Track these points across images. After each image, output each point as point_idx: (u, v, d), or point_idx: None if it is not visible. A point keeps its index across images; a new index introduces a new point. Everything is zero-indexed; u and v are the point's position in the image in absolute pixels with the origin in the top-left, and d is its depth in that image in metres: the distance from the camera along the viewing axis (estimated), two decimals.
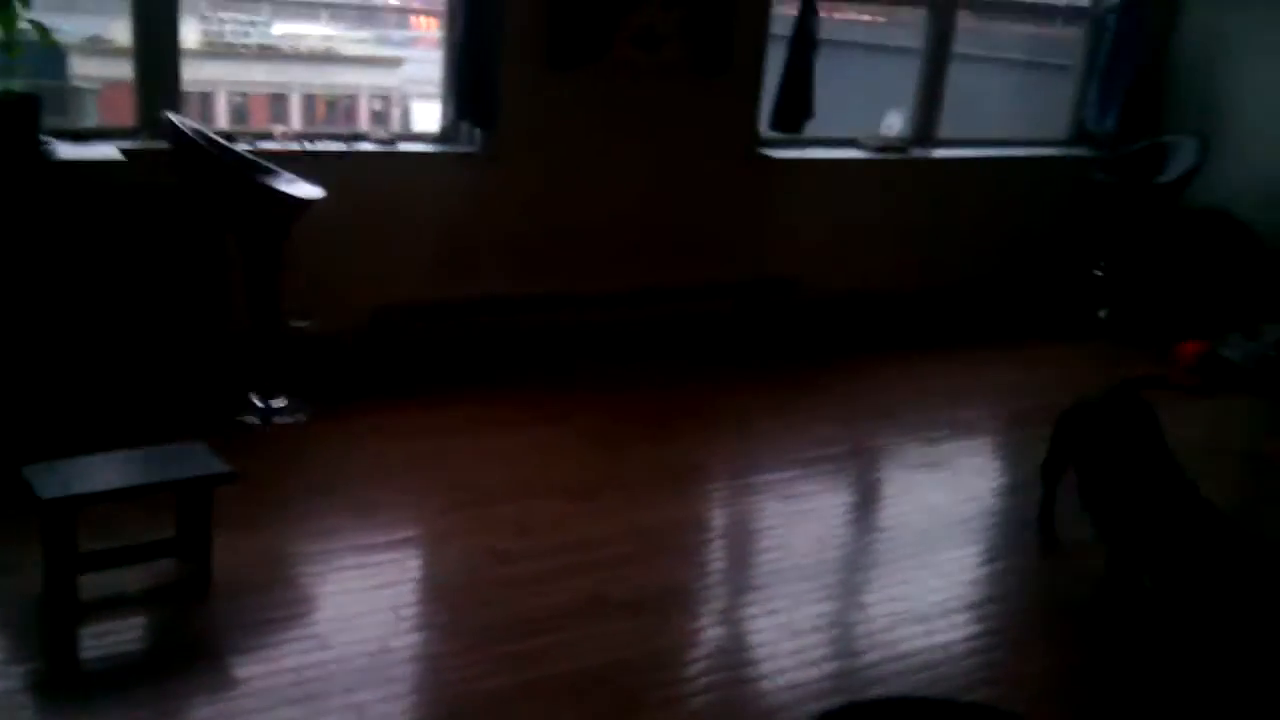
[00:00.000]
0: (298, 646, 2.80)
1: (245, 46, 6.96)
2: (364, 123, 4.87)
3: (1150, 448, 3.25)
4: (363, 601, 3.02)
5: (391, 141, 4.81)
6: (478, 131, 4.83)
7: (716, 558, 3.52)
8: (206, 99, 6.68)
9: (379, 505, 3.56)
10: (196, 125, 4.07)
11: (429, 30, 5.02)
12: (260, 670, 2.68)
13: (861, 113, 6.16)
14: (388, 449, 3.97)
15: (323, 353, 4.46)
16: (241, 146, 4.28)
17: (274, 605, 2.96)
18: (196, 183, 4.10)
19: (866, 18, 6.96)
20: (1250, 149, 6.04)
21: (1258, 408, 5.09)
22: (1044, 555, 3.58)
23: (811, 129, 5.51)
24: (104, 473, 2.94)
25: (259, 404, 4.16)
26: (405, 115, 8.65)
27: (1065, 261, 6.37)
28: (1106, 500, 3.26)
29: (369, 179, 4.65)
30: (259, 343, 4.19)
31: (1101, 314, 6.09)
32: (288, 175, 4.16)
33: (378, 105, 9.46)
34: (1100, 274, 6.14)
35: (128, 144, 4.17)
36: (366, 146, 4.74)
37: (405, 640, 2.88)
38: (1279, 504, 4.36)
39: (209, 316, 4.20)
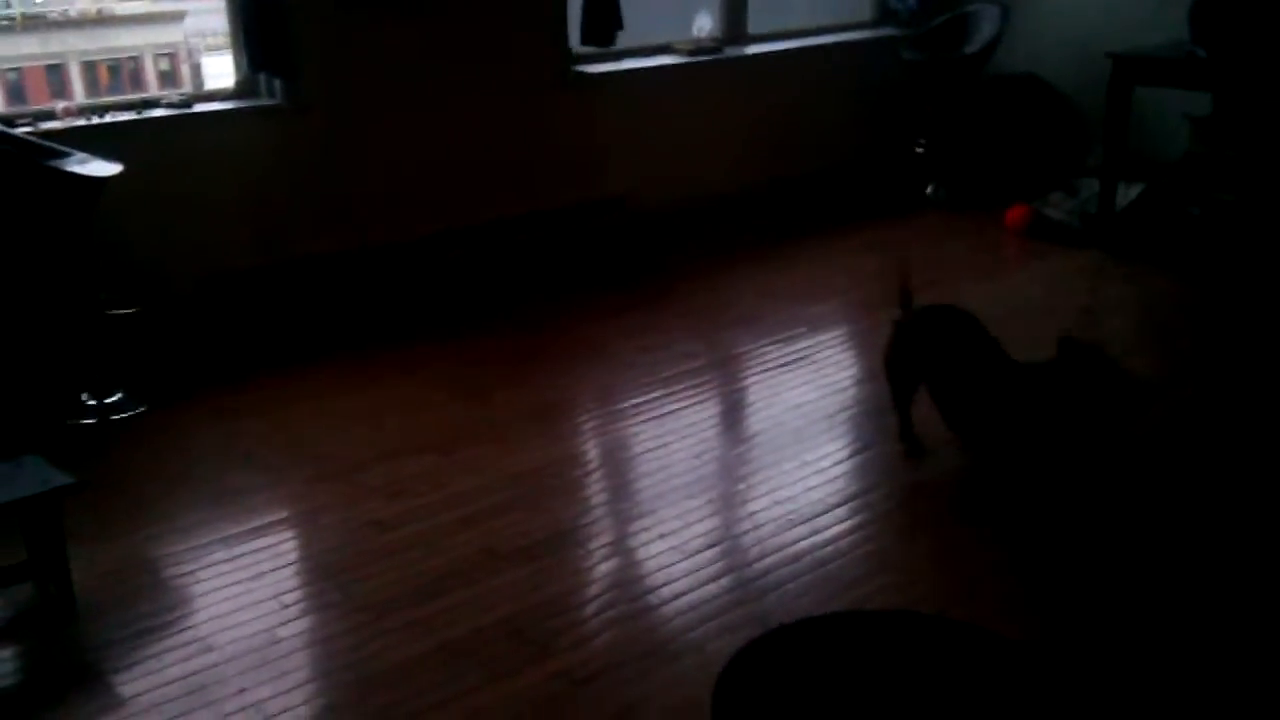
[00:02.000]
0: (180, 653, 2.65)
1: (7, 19, 6.41)
2: (152, 85, 4.53)
3: (974, 337, 3.37)
4: (242, 594, 2.88)
5: (186, 103, 4.51)
6: (278, 82, 4.57)
7: (598, 491, 3.48)
8: None
9: (240, 490, 3.40)
10: None
11: None
12: (146, 684, 2.53)
13: (671, 18, 6.07)
14: (238, 429, 3.78)
15: (151, 336, 4.21)
16: (22, 130, 3.95)
17: (147, 614, 2.80)
18: None
19: None
20: (1047, 10, 6.22)
21: (1086, 260, 5.30)
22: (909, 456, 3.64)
23: (623, 40, 5.41)
24: None
25: (92, 402, 3.90)
26: (196, 71, 8.16)
27: (888, 142, 6.49)
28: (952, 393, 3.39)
29: (169, 146, 4.37)
30: (80, 337, 3.92)
31: (929, 190, 6.23)
32: (79, 155, 3.86)
33: (164, 65, 8.88)
34: (922, 150, 6.27)
35: None
36: (160, 112, 4.43)
37: (295, 627, 2.77)
38: (1113, 347, 4.57)
39: (16, 319, 3.90)
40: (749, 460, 3.58)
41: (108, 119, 4.31)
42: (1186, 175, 5.35)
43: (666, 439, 3.69)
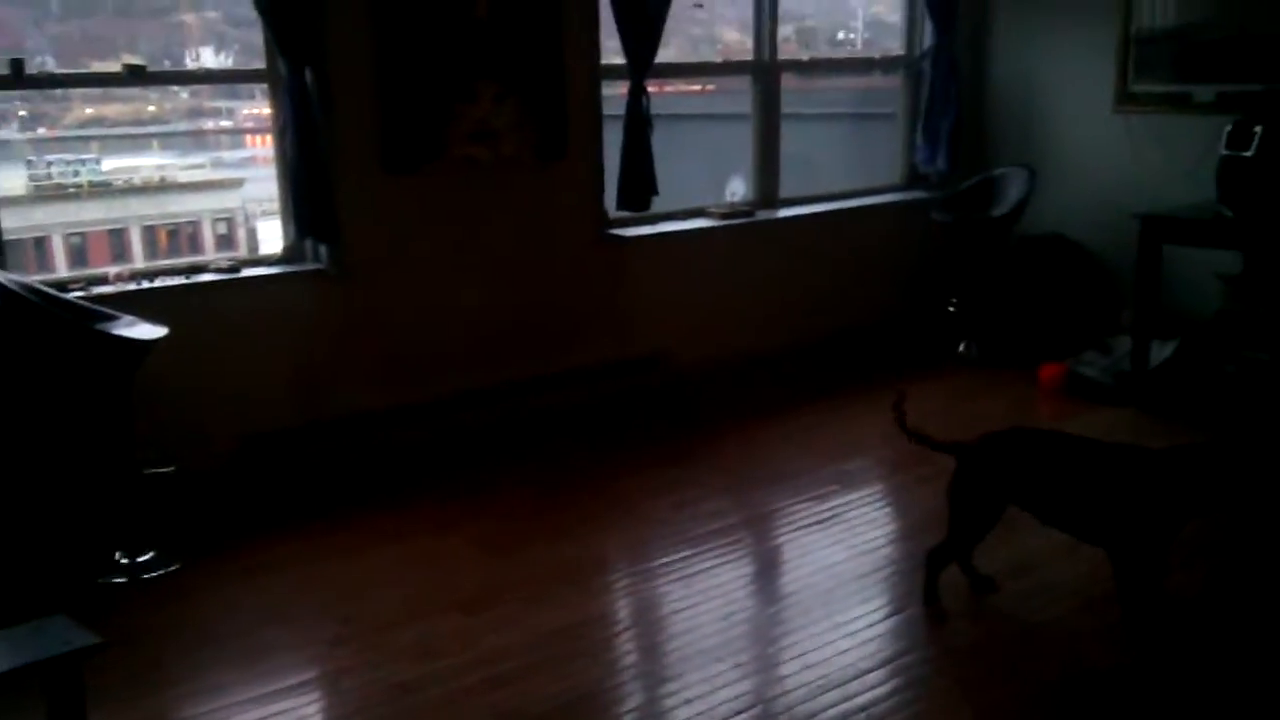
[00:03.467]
0: None
1: (76, 186, 6.70)
2: (209, 248, 4.73)
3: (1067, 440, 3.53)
4: None
5: (235, 268, 4.66)
6: (323, 248, 4.73)
7: (625, 652, 3.42)
8: (41, 244, 6.40)
9: (268, 649, 3.38)
10: (20, 279, 3.87)
11: (264, 147, 4.92)
12: None
13: (705, 183, 6.24)
14: (269, 586, 3.78)
15: (187, 494, 4.26)
16: (74, 294, 4.10)
17: None
18: (28, 338, 3.89)
19: (697, 87, 7.10)
20: (1073, 172, 6.34)
21: (1121, 418, 5.25)
22: (946, 598, 3.58)
23: (658, 204, 5.56)
24: None
25: (125, 560, 3.93)
26: (252, 235, 8.46)
27: (920, 302, 6.55)
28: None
29: (215, 309, 4.51)
30: (117, 495, 3.97)
31: (961, 348, 6.25)
32: (127, 318, 3.99)
33: (222, 229, 9.21)
34: (954, 309, 6.31)
35: None
36: (208, 277, 4.59)
37: None
38: None
39: (56, 477, 3.97)
40: (779, 622, 3.52)
41: (158, 283, 4.46)
42: (1220, 333, 5.33)
43: (695, 600, 3.64)
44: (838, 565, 3.85)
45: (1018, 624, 3.46)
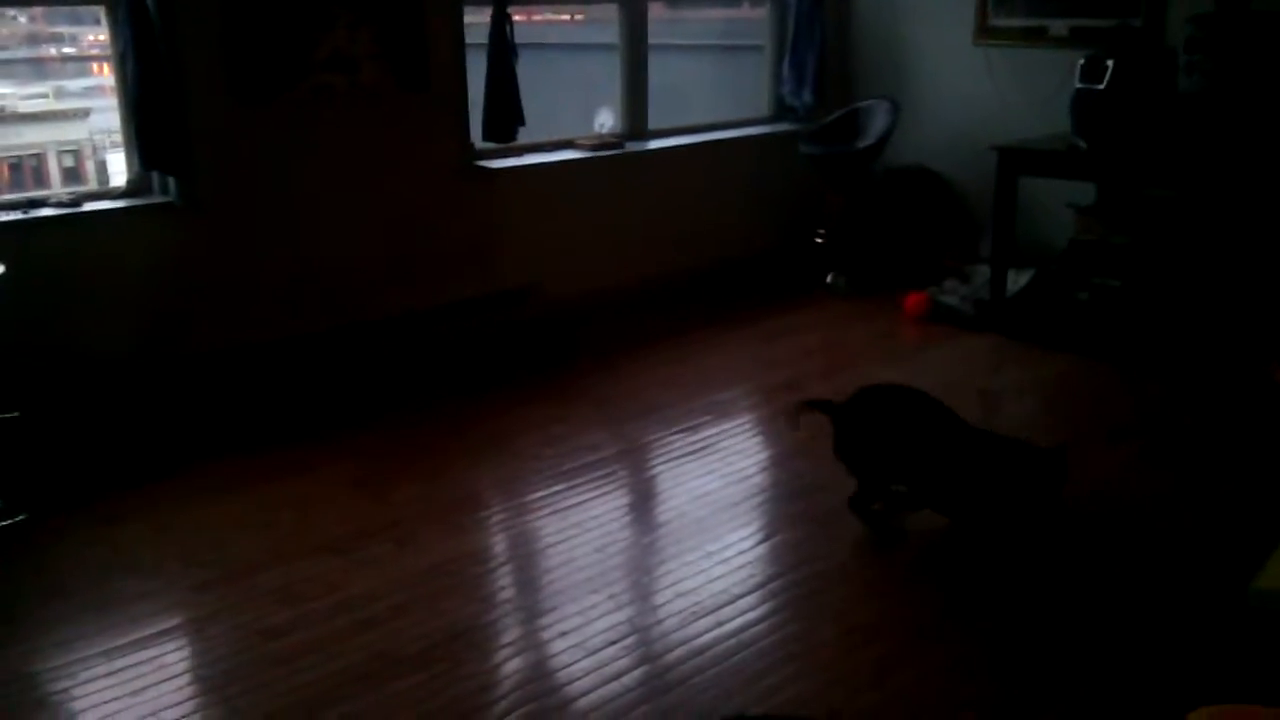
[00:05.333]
0: None
1: None
2: (56, 182, 4.46)
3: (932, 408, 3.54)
4: (122, 711, 2.73)
5: (76, 202, 4.41)
6: (172, 181, 4.51)
7: (500, 588, 3.40)
8: None
9: (125, 599, 3.24)
10: None
11: (109, 76, 4.64)
12: None
13: (573, 113, 6.16)
14: (124, 535, 3.63)
15: (33, 441, 4.05)
16: None
17: None
18: None
19: (565, 17, 6.96)
20: (935, 105, 6.44)
21: (981, 344, 5.41)
22: (814, 523, 3.65)
23: (526, 135, 5.46)
24: None
25: None
26: (101, 168, 8.06)
27: (789, 232, 6.61)
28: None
29: (56, 246, 4.27)
30: None
31: (829, 278, 6.33)
32: None
33: (69, 161, 8.72)
34: (821, 240, 6.38)
35: None
36: (48, 211, 4.33)
37: None
38: (1015, 428, 4.64)
39: None
40: (654, 552, 3.54)
41: None
42: (1073, 262, 5.51)
43: (569, 533, 3.63)
44: (711, 494, 3.88)
45: (889, 548, 3.54)
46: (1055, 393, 4.89)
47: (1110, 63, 5.15)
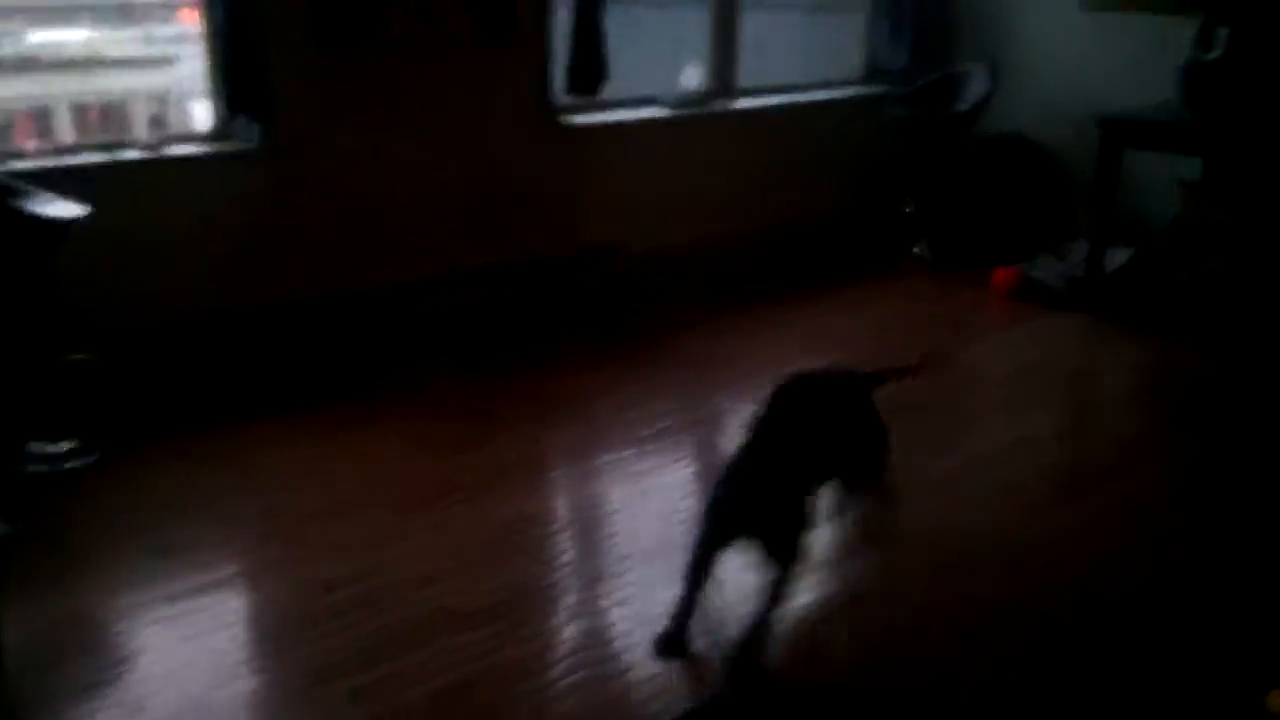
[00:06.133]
0: (110, 714, 2.51)
1: None
2: (141, 128, 4.50)
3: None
4: (180, 654, 2.74)
5: (160, 146, 4.43)
6: (254, 126, 4.50)
7: (562, 551, 3.35)
8: None
9: (189, 544, 3.25)
10: None
11: (197, 24, 4.65)
12: None
13: (659, 70, 6.03)
14: (193, 480, 3.64)
15: (109, 383, 4.08)
16: None
17: (80, 673, 2.66)
18: None
19: None
20: (1037, 72, 6.18)
21: (1073, 323, 5.20)
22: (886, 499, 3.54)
23: (611, 91, 5.35)
24: None
25: (43, 450, 3.77)
26: (185, 115, 8.15)
27: (876, 199, 6.42)
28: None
29: (139, 189, 4.29)
30: (35, 383, 3.79)
31: (916, 249, 6.15)
32: (44, 195, 3.77)
33: (154, 108, 8.86)
34: (909, 209, 6.20)
35: None
36: (132, 154, 4.36)
37: (230, 690, 2.62)
38: (1102, 413, 4.48)
39: None
40: None
41: (80, 160, 4.24)
42: (1176, 240, 5.26)
43: (635, 499, 3.56)
44: None
45: (957, 521, 3.41)
46: (1144, 379, 4.68)
47: (1225, 31, 4.88)
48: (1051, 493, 3.65)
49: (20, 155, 4.18)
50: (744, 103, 6.03)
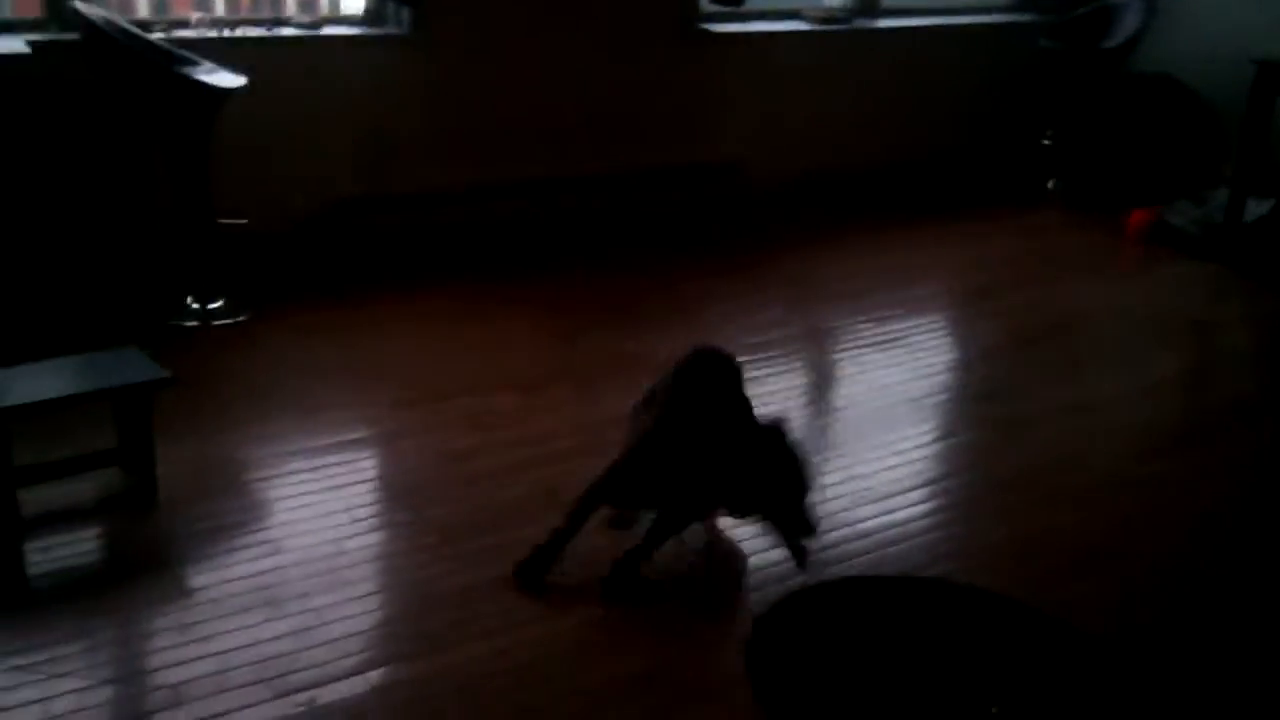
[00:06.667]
0: (250, 553, 2.73)
1: None
2: (291, 6, 4.65)
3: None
4: (315, 505, 2.95)
5: (315, 25, 4.59)
6: (405, 12, 4.62)
7: None
8: None
9: (326, 405, 3.47)
10: (106, 14, 3.83)
11: None
12: (213, 579, 2.62)
13: None
14: (332, 347, 3.87)
15: (260, 250, 4.31)
16: (156, 35, 4.06)
17: (223, 513, 2.89)
18: (111, 76, 3.88)
19: None
20: (1193, 10, 5.96)
21: (1203, 272, 5.11)
22: (995, 429, 3.57)
23: (753, 1, 5.34)
24: (36, 383, 2.82)
25: (196, 306, 4.02)
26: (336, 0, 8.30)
27: (1014, 131, 6.31)
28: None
29: (293, 65, 4.45)
30: (191, 242, 4.03)
31: (1051, 184, 6.05)
32: (207, 64, 3.96)
33: None
34: (1049, 142, 6.09)
35: (35, 36, 3.93)
36: (289, 31, 4.52)
37: (362, 542, 2.83)
38: (1224, 366, 4.42)
39: (133, 217, 4.03)
40: (828, 434, 3.55)
41: (239, 33, 4.41)
42: None
43: None
44: (893, 386, 3.85)
45: (1064, 457, 3.44)
46: (1271, 336, 4.59)
47: None
48: (1162, 441, 3.65)
49: (184, 24, 4.37)
50: (887, 22, 5.95)
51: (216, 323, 3.98)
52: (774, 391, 3.77)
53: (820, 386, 3.98)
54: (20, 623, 2.46)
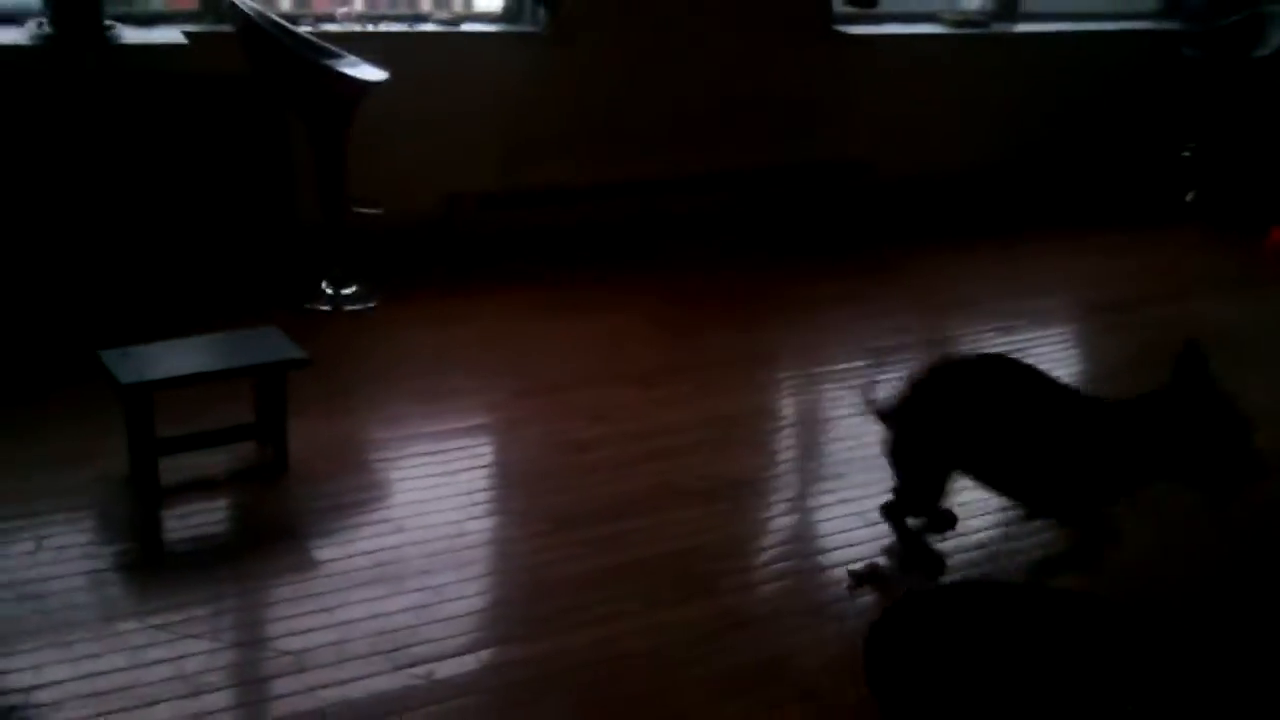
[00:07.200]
0: (374, 530, 2.83)
1: None
2: (427, 4, 4.80)
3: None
4: (437, 487, 3.04)
5: (454, 22, 4.71)
6: (542, 10, 4.71)
7: (788, 446, 3.49)
8: None
9: (450, 392, 3.57)
10: (259, 7, 4.00)
11: None
12: (338, 553, 2.72)
13: None
14: (458, 336, 3.97)
15: (392, 240, 4.44)
16: (304, 29, 4.21)
17: (349, 490, 3.00)
18: (261, 67, 4.05)
19: None
20: None
21: None
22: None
23: (889, 3, 5.30)
24: (180, 358, 2.97)
25: (329, 291, 4.17)
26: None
27: (1153, 142, 6.12)
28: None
29: (432, 61, 4.57)
30: (328, 229, 4.18)
31: (1189, 197, 5.86)
32: (351, 58, 4.10)
33: None
34: (1189, 155, 5.89)
35: (191, 28, 4.12)
36: (429, 27, 4.65)
37: (480, 525, 2.91)
38: None
39: (277, 203, 4.19)
40: None
41: (381, 28, 4.55)
42: None
43: (861, 408, 3.64)
44: None
45: None
46: None
47: None
48: None
49: (329, 19, 4.52)
50: (1025, 27, 5.84)
51: (349, 308, 4.12)
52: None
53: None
54: (157, 585, 2.60)
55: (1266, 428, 3.32)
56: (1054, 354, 4.20)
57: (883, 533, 2.95)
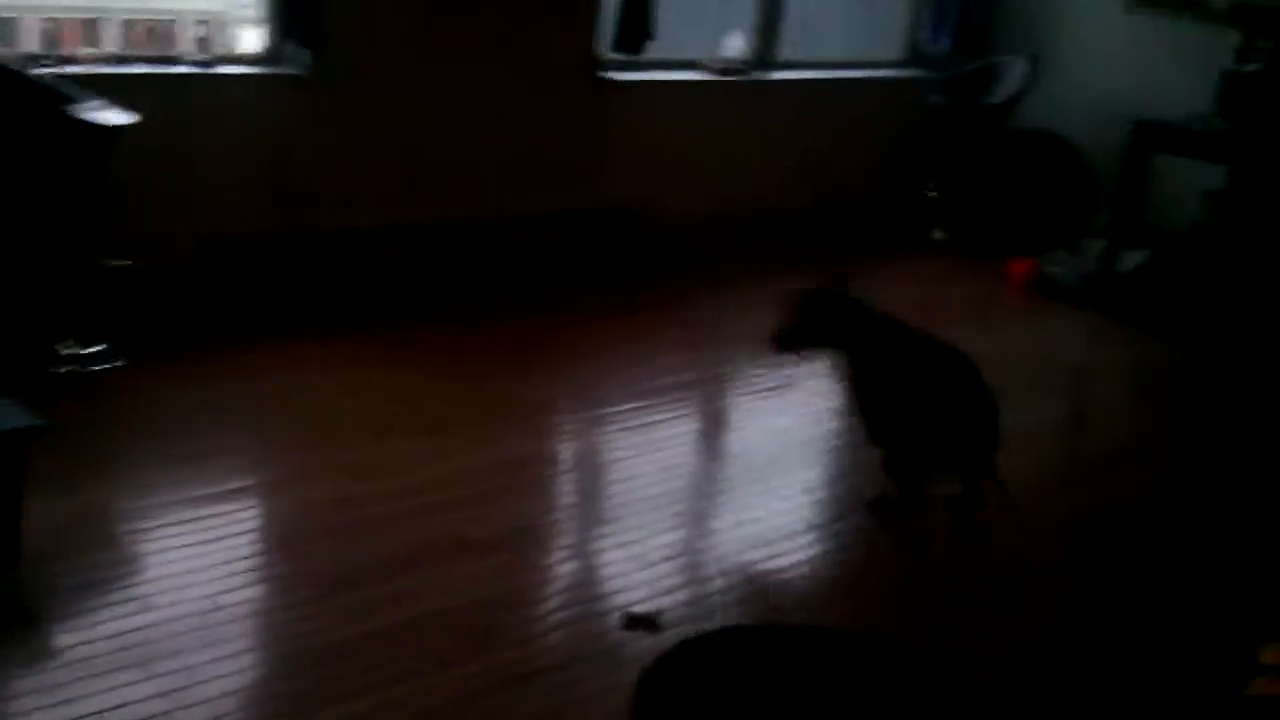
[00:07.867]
0: (119, 610, 2.62)
1: None
2: (187, 49, 4.62)
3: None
4: (192, 558, 2.85)
5: (210, 63, 4.52)
6: (305, 52, 4.58)
7: (567, 492, 3.48)
8: (10, 24, 6.17)
9: (210, 453, 3.38)
10: None
11: None
12: (79, 638, 2.51)
13: (703, 35, 6.07)
14: (219, 393, 3.76)
15: (144, 291, 4.19)
16: (43, 71, 3.95)
17: (92, 568, 2.77)
18: None
19: None
20: (1078, 69, 6.20)
21: (1082, 320, 5.28)
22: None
23: (653, 51, 5.41)
24: None
25: (75, 351, 3.89)
26: (230, 41, 8.21)
27: (901, 182, 6.47)
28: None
29: (187, 103, 4.36)
30: (73, 284, 3.90)
31: (936, 234, 6.21)
32: (97, 101, 3.86)
33: (201, 31, 8.90)
34: (934, 194, 6.25)
35: None
36: (182, 68, 4.44)
37: (239, 596, 2.74)
38: (1101, 408, 4.57)
39: (9, 258, 3.89)
40: (719, 479, 3.58)
41: (130, 69, 4.32)
42: (1192, 246, 5.33)
43: (640, 449, 3.67)
44: (784, 431, 3.89)
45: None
46: (1146, 380, 4.76)
47: (1269, 44, 4.92)
48: (1043, 484, 3.74)
49: (71, 60, 4.26)
50: (783, 74, 6.08)
51: (96, 367, 3.85)
52: (668, 436, 3.79)
53: (713, 431, 4.01)
54: None
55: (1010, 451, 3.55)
56: (822, 385, 4.32)
57: (662, 574, 2.97)
